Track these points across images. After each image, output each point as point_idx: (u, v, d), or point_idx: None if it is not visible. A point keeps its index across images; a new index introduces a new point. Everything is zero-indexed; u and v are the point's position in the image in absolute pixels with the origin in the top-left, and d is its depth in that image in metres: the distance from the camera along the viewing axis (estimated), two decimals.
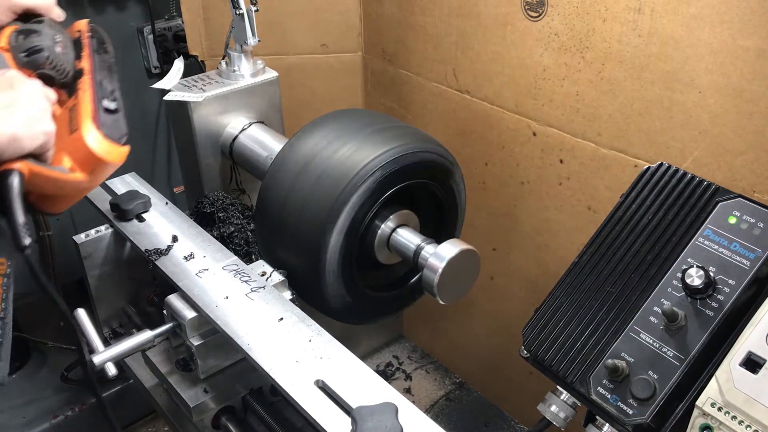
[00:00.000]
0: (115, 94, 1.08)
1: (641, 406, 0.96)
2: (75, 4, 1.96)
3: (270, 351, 1.04)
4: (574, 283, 1.11)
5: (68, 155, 0.98)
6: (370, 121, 1.33)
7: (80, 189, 1.02)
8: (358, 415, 0.89)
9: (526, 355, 1.12)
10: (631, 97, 1.48)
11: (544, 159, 1.73)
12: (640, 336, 1.01)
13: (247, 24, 1.55)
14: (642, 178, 1.13)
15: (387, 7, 1.97)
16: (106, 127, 1.01)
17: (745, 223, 1.00)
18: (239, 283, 1.19)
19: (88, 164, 0.99)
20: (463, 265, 1.23)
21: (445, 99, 1.92)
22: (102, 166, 1.01)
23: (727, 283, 0.97)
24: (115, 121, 1.04)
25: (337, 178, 1.22)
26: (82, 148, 0.98)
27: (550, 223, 1.79)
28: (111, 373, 1.08)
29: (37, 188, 0.96)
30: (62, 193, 1.01)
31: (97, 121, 1.01)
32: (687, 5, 1.32)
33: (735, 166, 1.36)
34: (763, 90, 1.27)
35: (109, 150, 1.00)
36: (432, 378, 2.44)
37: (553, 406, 1.10)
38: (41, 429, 2.00)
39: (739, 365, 0.91)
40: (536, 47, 1.62)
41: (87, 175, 0.99)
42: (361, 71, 2.16)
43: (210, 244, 1.31)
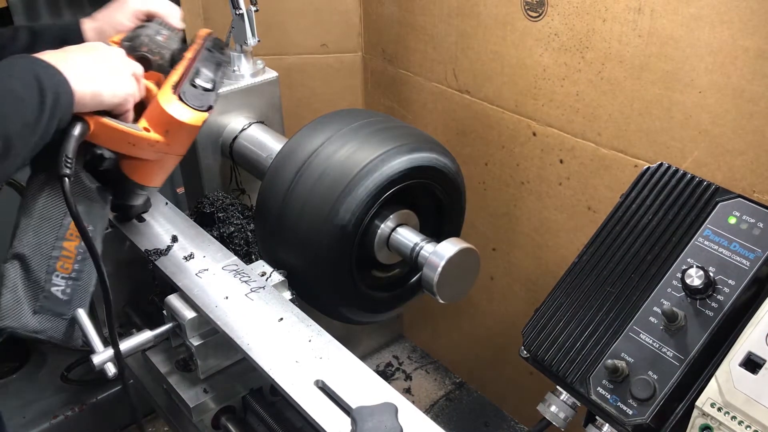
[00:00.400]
0: (215, 82, 1.20)
1: (641, 407, 0.96)
2: (75, 4, 1.96)
3: (270, 351, 1.04)
4: (574, 283, 1.11)
5: (146, 118, 1.10)
6: (370, 121, 1.33)
7: (160, 150, 1.11)
8: (357, 415, 0.89)
9: (526, 355, 1.12)
10: (631, 97, 1.48)
11: (544, 159, 1.73)
12: (639, 336, 1.01)
13: (247, 24, 1.55)
14: (642, 178, 1.13)
15: (387, 7, 1.97)
16: (185, 95, 1.12)
17: (745, 223, 1.00)
18: (239, 283, 1.19)
19: (161, 124, 1.09)
20: (462, 264, 1.22)
21: (445, 99, 1.92)
22: (176, 126, 1.10)
23: (727, 284, 0.97)
24: (198, 95, 1.15)
25: (337, 178, 1.22)
26: (157, 108, 1.10)
27: (550, 223, 1.79)
28: (111, 373, 1.08)
29: (112, 144, 1.06)
30: (141, 153, 1.10)
31: (176, 88, 1.12)
32: (687, 5, 1.32)
33: (735, 166, 1.36)
34: (763, 90, 1.27)
35: (181, 111, 1.10)
36: (432, 378, 2.44)
37: (552, 407, 1.10)
38: (41, 429, 2.00)
39: (738, 365, 0.91)
40: (536, 47, 1.62)
41: (162, 135, 1.10)
42: (361, 71, 2.16)
43: (210, 244, 1.31)
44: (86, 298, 1.11)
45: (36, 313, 1.05)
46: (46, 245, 1.06)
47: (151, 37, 1.18)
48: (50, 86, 0.92)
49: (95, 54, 1.03)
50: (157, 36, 1.19)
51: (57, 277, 1.06)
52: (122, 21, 1.23)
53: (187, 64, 1.19)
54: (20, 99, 0.89)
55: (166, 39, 1.20)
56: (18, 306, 1.03)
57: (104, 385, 2.10)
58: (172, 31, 1.24)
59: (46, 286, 1.05)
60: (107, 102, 1.02)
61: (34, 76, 0.92)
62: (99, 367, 1.07)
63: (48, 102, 0.91)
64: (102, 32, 1.23)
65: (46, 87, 0.92)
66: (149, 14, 1.25)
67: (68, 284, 1.07)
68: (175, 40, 1.22)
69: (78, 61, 0.99)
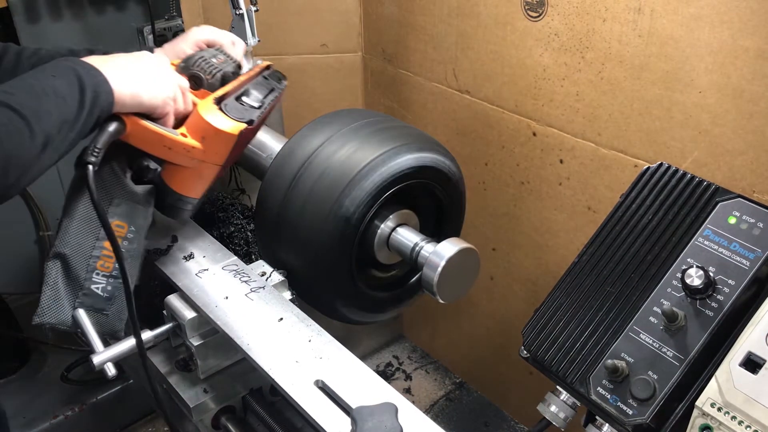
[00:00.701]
0: (263, 103, 1.24)
1: (641, 407, 0.96)
2: (75, 4, 1.96)
3: (270, 351, 1.04)
4: (574, 283, 1.11)
5: (185, 125, 1.12)
6: (370, 120, 1.33)
7: (196, 157, 1.13)
8: (357, 415, 0.89)
9: (526, 355, 1.12)
10: (631, 97, 1.48)
11: (544, 159, 1.73)
12: (639, 336, 1.01)
13: (247, 24, 1.55)
14: (642, 178, 1.13)
15: (387, 7, 1.97)
16: (227, 107, 1.15)
17: (745, 223, 1.00)
18: (239, 283, 1.19)
19: (198, 130, 1.12)
20: (462, 264, 1.22)
21: (445, 99, 1.92)
22: (211, 133, 1.12)
23: (727, 283, 0.97)
24: (241, 109, 1.19)
25: (337, 178, 1.22)
26: (195, 114, 1.12)
27: (550, 223, 1.79)
28: (111, 374, 1.08)
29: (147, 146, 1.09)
30: (177, 158, 1.12)
31: (219, 101, 1.15)
32: (687, 5, 1.32)
33: (735, 166, 1.36)
34: (763, 90, 1.27)
35: (218, 119, 1.12)
36: (432, 378, 2.44)
37: (552, 407, 1.10)
38: (41, 429, 2.00)
39: (738, 365, 0.91)
40: (536, 47, 1.62)
41: (198, 141, 1.12)
42: (361, 71, 2.16)
43: (210, 244, 1.31)
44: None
45: (75, 309, 1.08)
46: (87, 245, 1.09)
47: (205, 59, 1.23)
48: (90, 85, 0.96)
49: (137, 58, 1.09)
50: (213, 59, 1.25)
51: (98, 276, 1.09)
52: (185, 49, 1.30)
53: (238, 84, 1.23)
54: (62, 97, 0.93)
55: (220, 62, 1.25)
56: (57, 303, 1.06)
57: (104, 385, 2.10)
58: (229, 58, 1.29)
59: (86, 284, 1.08)
60: (146, 104, 1.05)
61: (75, 75, 0.96)
62: (99, 367, 1.07)
63: (87, 100, 0.95)
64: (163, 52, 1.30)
65: (86, 85, 0.96)
66: (211, 44, 1.32)
67: (109, 282, 1.10)
68: (230, 65, 1.27)
69: (119, 63, 1.04)
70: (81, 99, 0.95)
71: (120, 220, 1.11)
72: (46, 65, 0.99)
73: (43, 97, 0.92)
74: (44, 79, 0.94)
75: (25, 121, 0.88)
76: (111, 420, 2.16)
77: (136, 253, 1.14)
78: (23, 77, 0.95)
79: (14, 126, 0.87)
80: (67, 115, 0.94)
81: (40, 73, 0.96)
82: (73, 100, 0.95)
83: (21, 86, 0.92)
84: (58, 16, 1.95)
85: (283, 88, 1.36)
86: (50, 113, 0.92)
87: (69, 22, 1.97)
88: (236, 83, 1.23)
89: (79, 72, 0.97)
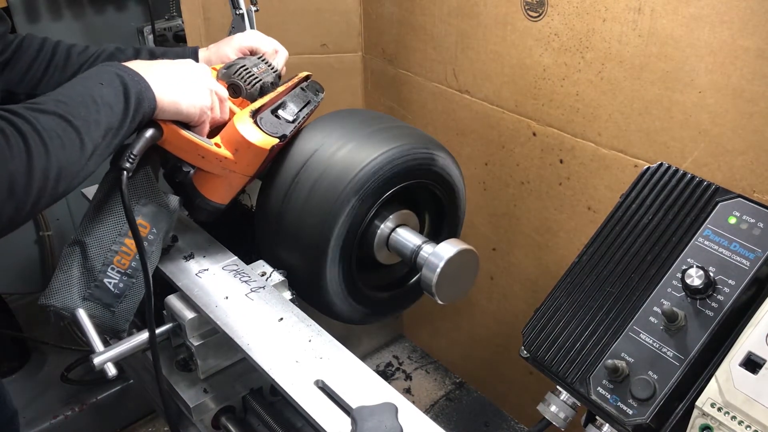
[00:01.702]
0: (298, 117, 1.27)
1: (641, 407, 0.96)
2: (75, 4, 1.96)
3: (270, 351, 1.04)
4: (574, 283, 1.11)
5: (220, 135, 1.15)
6: (370, 120, 1.33)
7: (226, 167, 1.16)
8: (357, 415, 0.89)
9: (526, 355, 1.12)
10: (631, 97, 1.48)
11: (544, 159, 1.73)
12: (640, 336, 1.01)
13: (247, 24, 1.55)
14: (642, 178, 1.13)
15: (387, 7, 1.97)
16: (262, 120, 1.18)
17: (745, 223, 1.00)
18: (239, 283, 1.19)
19: (232, 142, 1.15)
20: (462, 265, 1.22)
21: (445, 99, 1.92)
22: (244, 146, 1.15)
23: (727, 284, 0.97)
24: (276, 123, 1.22)
25: (337, 178, 1.22)
26: (231, 125, 1.15)
27: (550, 223, 1.79)
28: (111, 374, 1.08)
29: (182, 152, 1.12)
30: (208, 167, 1.15)
31: (255, 114, 1.18)
32: (687, 5, 1.32)
33: (735, 166, 1.36)
34: (763, 90, 1.27)
35: (252, 133, 1.15)
36: (432, 378, 2.45)
37: (552, 407, 1.10)
38: (41, 429, 2.00)
39: (738, 365, 0.91)
40: (536, 47, 1.62)
41: (231, 152, 1.15)
42: (361, 71, 2.16)
43: (210, 244, 1.31)
44: (138, 297, 1.14)
45: (85, 299, 1.09)
46: (108, 238, 1.11)
47: (247, 68, 1.26)
48: (134, 92, 0.99)
49: (178, 66, 1.11)
50: (254, 68, 1.27)
51: (112, 271, 1.11)
52: (228, 54, 1.34)
53: (275, 96, 1.26)
54: (109, 105, 0.95)
55: (261, 72, 1.27)
56: (67, 288, 1.08)
57: (104, 385, 2.10)
58: (270, 67, 1.32)
59: (99, 277, 1.10)
60: (184, 111, 1.08)
61: (121, 83, 0.98)
62: (99, 367, 1.07)
63: (132, 106, 0.98)
64: (209, 63, 1.33)
65: (130, 92, 0.98)
66: (254, 50, 1.36)
67: (122, 279, 1.11)
68: (270, 75, 1.30)
69: (161, 70, 1.06)
70: (126, 106, 0.97)
71: (144, 219, 1.14)
72: (92, 71, 1.01)
73: (92, 106, 0.93)
74: (93, 87, 0.96)
75: (77, 132, 0.89)
76: (111, 420, 2.16)
77: (154, 256, 1.16)
78: (74, 84, 0.97)
79: (68, 137, 0.88)
80: (112, 123, 0.96)
81: (89, 81, 0.97)
82: (118, 108, 0.96)
83: (73, 95, 0.93)
84: (58, 15, 1.95)
85: (319, 101, 1.39)
86: (99, 123, 0.93)
87: (69, 22, 1.97)
88: (274, 95, 1.26)
89: (125, 79, 0.99)
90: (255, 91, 1.26)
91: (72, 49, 1.29)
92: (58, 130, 0.87)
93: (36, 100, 0.91)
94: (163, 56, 1.32)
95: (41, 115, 0.87)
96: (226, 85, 1.23)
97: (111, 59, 1.29)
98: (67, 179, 0.90)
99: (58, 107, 0.89)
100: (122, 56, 1.31)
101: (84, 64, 1.28)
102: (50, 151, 0.85)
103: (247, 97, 1.25)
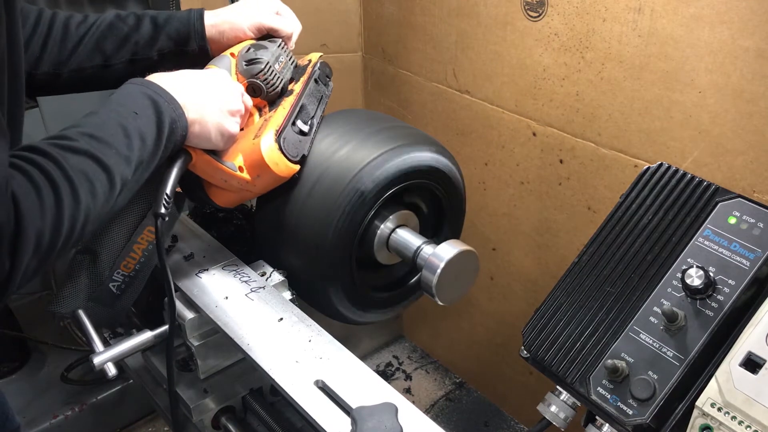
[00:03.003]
0: (313, 121, 1.24)
1: (641, 407, 0.96)
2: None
3: (270, 351, 1.04)
4: (574, 283, 1.11)
5: (243, 155, 1.11)
6: (370, 121, 1.33)
7: (243, 188, 1.14)
8: (357, 415, 0.89)
9: (526, 355, 1.12)
10: (631, 97, 1.48)
11: (544, 159, 1.73)
12: (639, 336, 1.01)
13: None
14: (642, 178, 1.13)
15: (387, 7, 1.97)
16: (286, 142, 1.14)
17: (745, 223, 1.00)
18: (239, 283, 1.19)
19: (255, 168, 1.12)
20: (462, 266, 1.22)
21: (445, 99, 1.92)
22: (267, 173, 1.13)
23: (727, 284, 0.97)
24: (297, 141, 1.18)
25: (337, 178, 1.22)
26: (256, 152, 1.10)
27: (550, 223, 1.79)
28: (111, 374, 1.09)
29: (206, 176, 1.10)
30: (227, 186, 1.14)
31: (279, 134, 1.14)
32: (687, 5, 1.32)
33: (735, 166, 1.36)
34: (763, 90, 1.27)
35: (277, 161, 1.13)
36: (432, 378, 2.45)
37: (552, 407, 1.10)
38: (41, 429, 2.00)
39: (738, 365, 0.91)
40: (536, 47, 1.62)
41: (252, 178, 1.12)
42: (361, 71, 2.16)
43: (210, 244, 1.31)
44: (135, 296, 1.15)
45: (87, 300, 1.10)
46: (118, 246, 1.11)
47: (270, 65, 1.18)
48: (168, 120, 0.94)
49: (214, 92, 1.04)
50: (276, 63, 1.20)
51: (117, 274, 1.12)
52: (243, 29, 1.23)
53: (294, 101, 1.20)
54: (142, 139, 0.90)
55: (282, 68, 1.21)
56: (74, 296, 1.09)
57: (104, 385, 2.10)
58: (288, 57, 1.25)
59: (105, 282, 1.11)
60: (213, 143, 1.05)
61: (154, 110, 0.93)
62: (99, 367, 1.07)
63: (164, 136, 0.94)
64: (222, 33, 1.23)
65: (164, 122, 0.94)
66: (270, 30, 1.26)
67: (125, 281, 1.13)
68: (289, 70, 1.24)
69: (196, 96, 1.00)
70: (158, 137, 0.93)
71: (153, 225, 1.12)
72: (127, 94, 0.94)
73: (124, 140, 0.88)
74: (127, 117, 0.90)
75: (107, 173, 0.84)
76: (111, 420, 2.16)
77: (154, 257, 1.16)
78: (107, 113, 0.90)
79: (98, 180, 0.83)
80: (144, 157, 0.91)
81: (123, 109, 0.91)
82: (150, 139, 0.92)
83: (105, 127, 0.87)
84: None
85: (329, 93, 1.34)
86: (130, 159, 0.88)
87: None
88: (293, 98, 1.20)
89: (160, 106, 0.94)
90: (275, 95, 1.21)
91: (70, 21, 1.20)
92: (88, 173, 0.82)
93: (66, 133, 0.85)
94: (167, 23, 1.22)
95: (72, 156, 0.81)
96: (246, 84, 1.16)
97: (111, 29, 1.19)
98: (94, 224, 0.85)
99: (90, 145, 0.84)
100: (123, 25, 1.20)
101: (84, 37, 1.19)
102: (80, 198, 0.80)
103: (265, 98, 1.20)
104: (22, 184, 0.75)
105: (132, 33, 1.19)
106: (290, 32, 1.29)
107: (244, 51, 1.19)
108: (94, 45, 1.18)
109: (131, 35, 1.19)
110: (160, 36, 1.20)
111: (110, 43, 1.18)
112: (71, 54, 1.17)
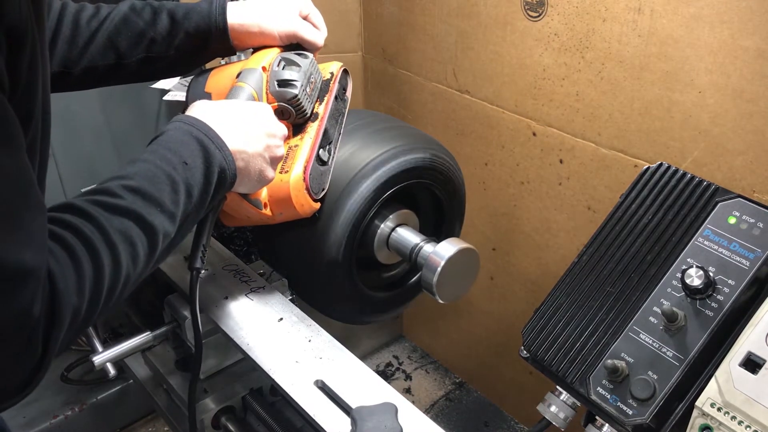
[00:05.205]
0: (331, 147, 1.20)
1: (641, 407, 0.96)
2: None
3: (270, 351, 1.05)
4: (574, 283, 1.11)
5: (268, 191, 1.07)
6: (370, 120, 1.33)
7: (260, 221, 1.12)
8: (357, 415, 0.89)
9: (525, 355, 1.12)
10: (631, 97, 1.48)
11: (544, 159, 1.73)
12: (639, 336, 1.01)
13: None
14: (642, 178, 1.13)
15: (387, 7, 1.97)
16: (313, 179, 1.11)
17: (745, 223, 1.00)
18: (239, 283, 1.19)
19: (279, 206, 1.09)
20: (462, 264, 1.22)
21: (445, 99, 1.92)
22: (290, 211, 1.10)
23: (727, 284, 0.97)
24: (321, 174, 1.15)
25: (337, 178, 1.22)
26: (284, 192, 1.07)
27: (550, 223, 1.79)
28: (111, 374, 1.09)
29: (229, 209, 1.07)
30: (247, 221, 1.12)
31: (307, 171, 1.10)
32: (687, 5, 1.32)
33: (735, 166, 1.36)
34: (763, 90, 1.27)
35: (303, 203, 1.10)
36: (432, 378, 2.45)
37: (552, 407, 1.10)
38: (41, 429, 2.00)
39: (738, 365, 0.91)
40: (536, 47, 1.62)
41: (274, 214, 1.09)
42: (361, 71, 2.16)
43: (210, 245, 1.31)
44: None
45: None
46: None
47: (303, 88, 1.10)
48: (216, 168, 0.87)
49: (263, 136, 0.96)
50: (308, 86, 1.12)
51: None
52: (275, 35, 1.14)
53: (318, 127, 1.14)
54: (189, 191, 0.83)
55: (312, 90, 1.14)
56: None
57: (104, 385, 2.10)
58: (318, 75, 1.18)
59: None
60: (248, 189, 1.00)
61: (203, 157, 0.85)
62: (99, 367, 1.07)
63: (211, 188, 0.87)
64: (246, 30, 1.13)
65: (212, 172, 0.86)
66: (303, 42, 1.17)
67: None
68: (317, 90, 1.18)
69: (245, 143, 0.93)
70: (205, 189, 0.85)
71: None
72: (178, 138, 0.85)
73: (171, 195, 0.80)
74: (177, 167, 0.82)
75: (152, 235, 0.76)
76: (111, 420, 2.16)
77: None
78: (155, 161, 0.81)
79: (141, 244, 0.75)
80: (188, 210, 0.83)
81: (173, 157, 0.83)
82: (197, 192, 0.84)
83: (153, 179, 0.79)
84: None
85: (347, 107, 1.29)
86: (175, 216, 0.80)
87: None
88: (318, 125, 1.14)
89: (210, 153, 0.86)
90: (303, 121, 1.14)
91: (81, 14, 1.10)
92: (132, 236, 0.74)
93: (110, 186, 0.76)
94: (186, 18, 1.12)
95: (115, 218, 0.72)
96: (276, 105, 1.08)
97: (126, 24, 1.10)
98: (132, 288, 0.77)
99: (136, 204, 0.75)
100: (138, 19, 1.11)
101: (96, 32, 1.09)
102: (122, 265, 0.72)
103: (291, 122, 1.13)
104: (60, 259, 0.66)
105: (148, 29, 1.11)
106: (321, 45, 1.21)
107: (276, 65, 1.10)
108: (106, 41, 1.09)
109: (147, 31, 1.10)
110: (179, 33, 1.11)
111: (124, 40, 1.10)
112: (82, 52, 1.09)
